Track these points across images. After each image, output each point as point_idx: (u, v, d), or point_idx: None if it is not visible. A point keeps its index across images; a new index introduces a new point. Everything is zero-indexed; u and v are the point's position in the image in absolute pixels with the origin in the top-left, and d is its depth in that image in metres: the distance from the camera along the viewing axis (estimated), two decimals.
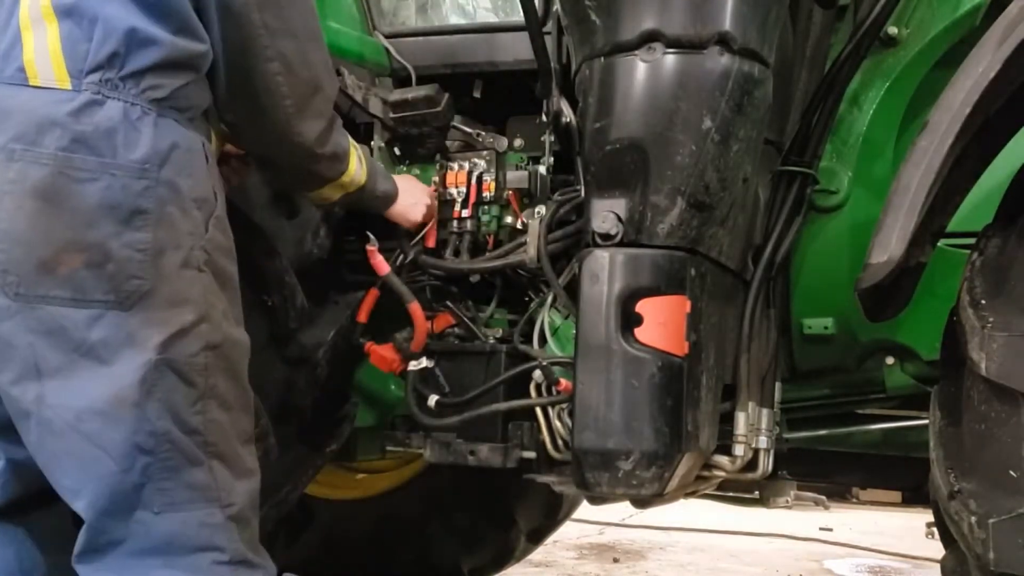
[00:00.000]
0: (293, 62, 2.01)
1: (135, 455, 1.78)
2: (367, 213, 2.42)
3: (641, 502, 2.27)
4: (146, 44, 1.82)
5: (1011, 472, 1.75)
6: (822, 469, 2.91)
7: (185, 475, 1.82)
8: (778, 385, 2.32)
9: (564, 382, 2.23)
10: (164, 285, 1.81)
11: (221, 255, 1.92)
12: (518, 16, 2.35)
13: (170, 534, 1.81)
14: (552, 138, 2.45)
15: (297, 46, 2.02)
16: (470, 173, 2.52)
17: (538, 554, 4.42)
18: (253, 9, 1.94)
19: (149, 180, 1.81)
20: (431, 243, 2.52)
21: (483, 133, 2.55)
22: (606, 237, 2.06)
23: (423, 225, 2.48)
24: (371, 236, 2.45)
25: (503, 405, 2.34)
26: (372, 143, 2.57)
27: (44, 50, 1.80)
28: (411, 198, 2.43)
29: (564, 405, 2.27)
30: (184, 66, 1.88)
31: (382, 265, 2.45)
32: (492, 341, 2.49)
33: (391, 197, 2.38)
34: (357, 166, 2.25)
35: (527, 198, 2.47)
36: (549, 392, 2.30)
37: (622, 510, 4.58)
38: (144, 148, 1.81)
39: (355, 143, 2.27)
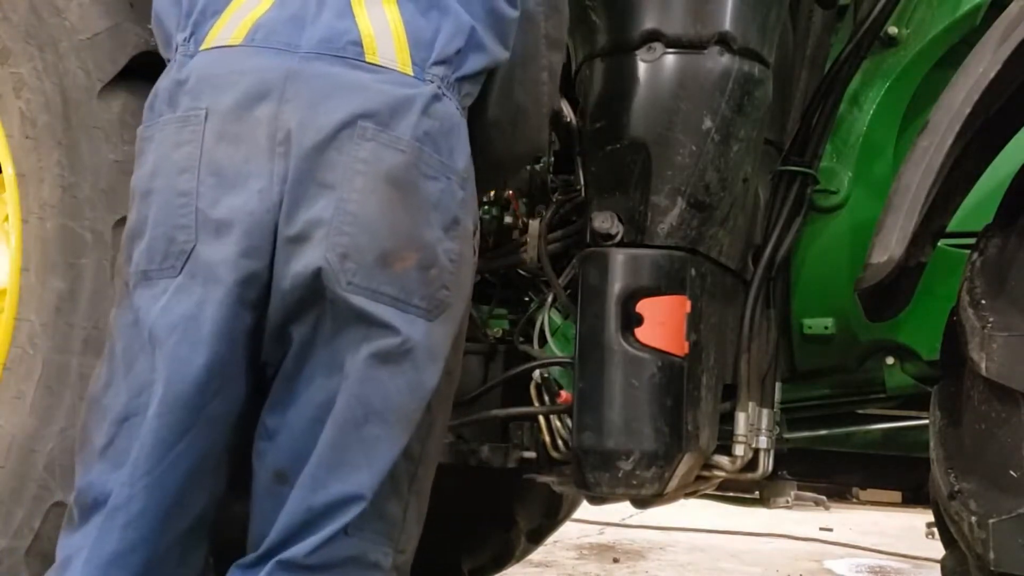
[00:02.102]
0: (556, 74, 2.00)
1: (387, 480, 1.67)
2: None
3: (641, 502, 2.27)
4: (479, 49, 1.77)
5: (1011, 472, 1.75)
6: (822, 469, 2.90)
7: (385, 504, 1.69)
8: (778, 385, 2.32)
9: (564, 394, 2.22)
10: (458, 304, 1.75)
11: (471, 283, 1.85)
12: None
13: (346, 560, 1.67)
14: (552, 138, 2.45)
15: (561, 59, 2.01)
16: None
17: (538, 554, 4.42)
18: (542, 19, 1.92)
19: (466, 193, 1.75)
20: None
21: None
22: (606, 237, 2.06)
23: None
24: None
25: (501, 412, 2.34)
26: None
27: (385, 29, 1.71)
28: None
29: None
30: (485, 77, 1.82)
31: None
32: (492, 341, 2.49)
33: None
34: None
35: (527, 198, 2.47)
36: (549, 392, 2.30)
37: (622, 510, 4.58)
38: (465, 158, 1.75)
39: None
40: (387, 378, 1.66)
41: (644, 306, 2.02)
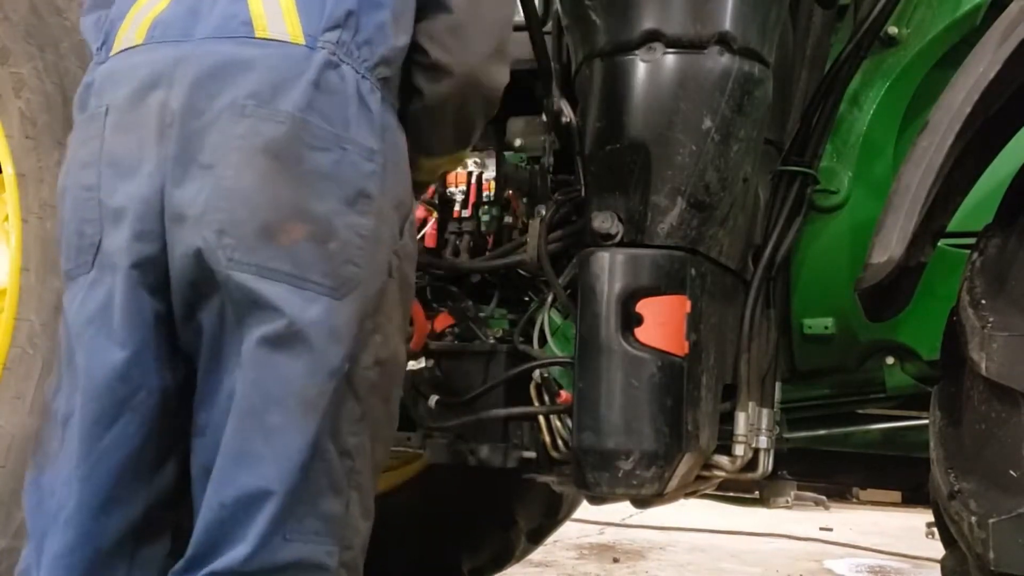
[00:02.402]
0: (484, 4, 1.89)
1: (296, 471, 1.59)
2: None
3: (641, 502, 2.27)
4: (375, 6, 1.71)
5: (1011, 472, 1.75)
6: (822, 469, 2.90)
7: (322, 504, 1.63)
8: (778, 385, 2.32)
9: (564, 394, 2.22)
10: (369, 283, 1.66)
11: (408, 263, 1.79)
12: (518, 16, 2.35)
13: (287, 564, 1.60)
14: (552, 138, 2.45)
15: None
16: (470, 173, 2.52)
17: (538, 554, 4.42)
18: None
19: (376, 165, 1.68)
20: (431, 243, 2.52)
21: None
22: (606, 237, 2.06)
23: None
24: None
25: (502, 412, 2.34)
26: None
27: (275, 3, 1.67)
28: None
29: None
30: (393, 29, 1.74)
31: None
32: (492, 341, 2.49)
33: None
34: None
35: (527, 198, 2.47)
36: (549, 392, 2.30)
37: (622, 510, 4.58)
38: (373, 129, 1.68)
39: None
40: (283, 362, 1.59)
41: (644, 306, 2.02)
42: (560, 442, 2.29)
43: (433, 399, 2.42)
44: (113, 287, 1.64)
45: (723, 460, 2.21)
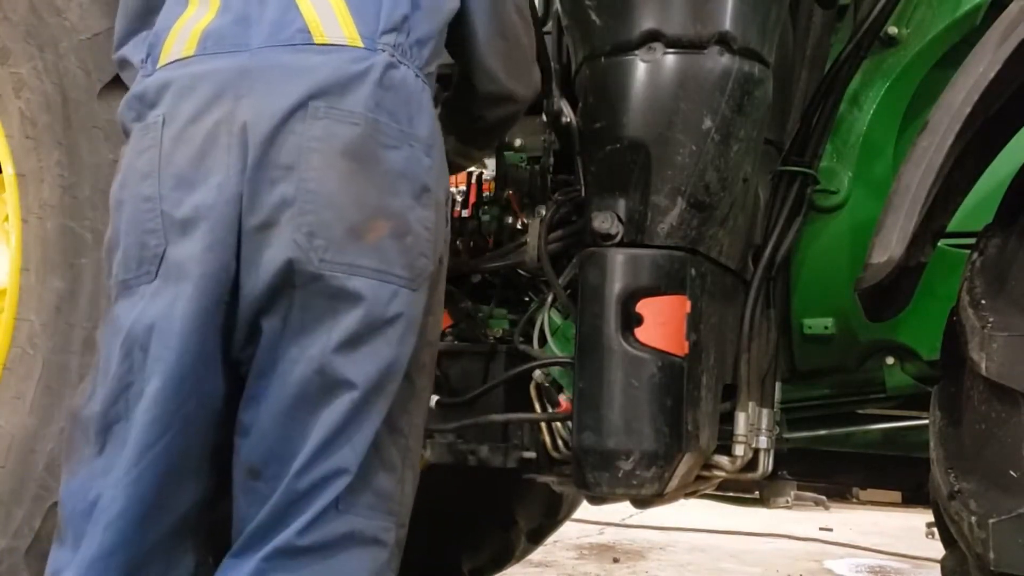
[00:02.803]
0: (524, 11, 2.06)
1: (368, 449, 1.66)
2: None
3: (641, 502, 2.27)
4: (427, 8, 1.79)
5: (1011, 472, 1.75)
6: (822, 469, 2.90)
7: (376, 481, 1.70)
8: (778, 385, 2.32)
9: (564, 402, 2.22)
10: (435, 273, 1.76)
11: (446, 255, 1.87)
12: None
13: (343, 536, 1.67)
14: (552, 138, 2.45)
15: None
16: (470, 173, 2.52)
17: (538, 554, 4.42)
18: None
19: (433, 160, 1.76)
20: None
21: None
22: (606, 237, 2.06)
23: None
24: None
25: (500, 417, 2.34)
26: None
27: (328, 10, 1.72)
28: None
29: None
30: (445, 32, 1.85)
31: None
32: (492, 341, 2.49)
33: None
34: None
35: (527, 198, 2.47)
36: (550, 396, 2.30)
37: (622, 510, 4.58)
38: (428, 125, 1.76)
39: None
40: (364, 354, 1.65)
41: (644, 306, 2.02)
42: (560, 442, 2.29)
43: (433, 399, 2.42)
44: (177, 295, 1.66)
45: (723, 460, 2.21)
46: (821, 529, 6.83)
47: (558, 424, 2.28)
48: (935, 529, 2.07)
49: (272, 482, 1.66)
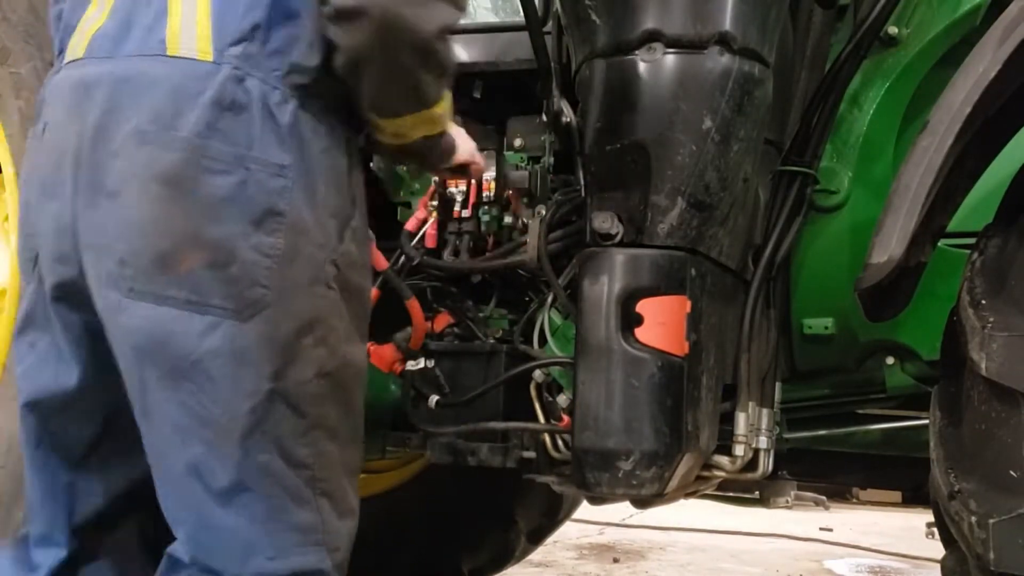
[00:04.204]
0: None
1: (237, 492, 1.61)
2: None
3: (641, 502, 2.27)
4: (290, 15, 1.65)
5: (1011, 472, 1.75)
6: (822, 469, 2.90)
7: (291, 515, 1.64)
8: (778, 385, 2.32)
9: (567, 417, 2.22)
10: (287, 300, 1.62)
11: (353, 270, 1.74)
12: (518, 16, 2.35)
13: None
14: (552, 138, 2.45)
15: None
16: None
17: (538, 554, 4.42)
18: None
19: (287, 180, 1.62)
20: (431, 243, 2.52)
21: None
22: (606, 237, 2.06)
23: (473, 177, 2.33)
24: (369, 232, 2.45)
25: (500, 425, 2.34)
26: None
27: (191, 19, 1.64)
28: (470, 142, 2.09)
29: (564, 406, 2.27)
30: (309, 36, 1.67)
31: (380, 260, 2.44)
32: (492, 341, 2.49)
33: (454, 147, 2.01)
34: (447, 107, 1.85)
35: (527, 198, 2.47)
36: (550, 394, 2.30)
37: (622, 510, 4.58)
38: (283, 143, 1.63)
39: None
40: (190, 388, 1.60)
41: (644, 306, 2.02)
42: (560, 442, 2.29)
43: (433, 399, 2.42)
44: (38, 299, 1.76)
45: (723, 460, 2.21)
46: (821, 529, 6.83)
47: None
48: (935, 529, 2.07)
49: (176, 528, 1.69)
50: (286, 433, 1.63)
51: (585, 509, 3.94)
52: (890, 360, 2.43)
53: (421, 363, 2.46)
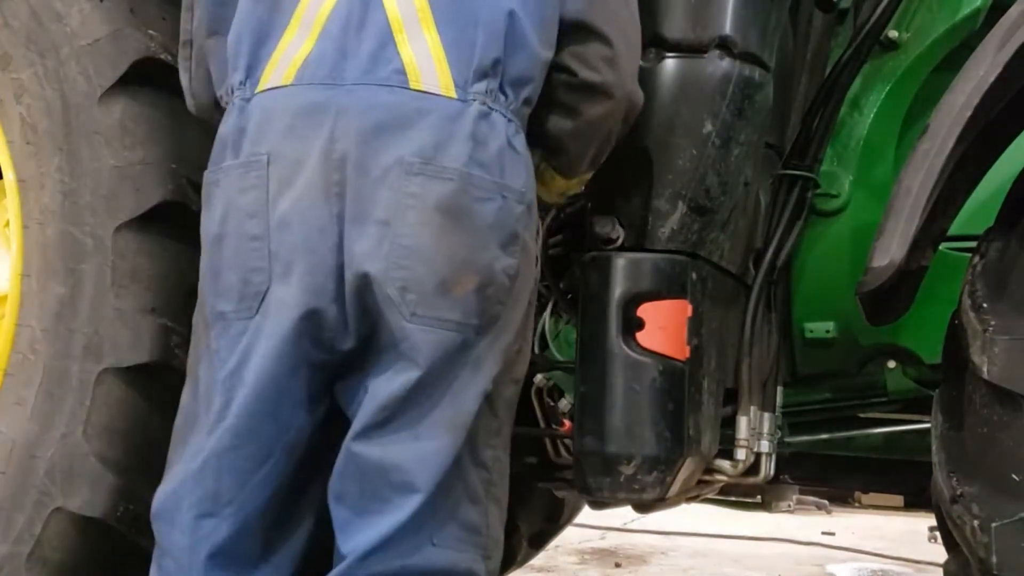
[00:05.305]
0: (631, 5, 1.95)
1: (441, 485, 1.70)
2: None
3: (643, 506, 2.27)
4: (520, 47, 1.76)
5: (1014, 476, 1.75)
6: (824, 473, 2.90)
7: (461, 512, 1.73)
8: (780, 389, 2.32)
9: (568, 423, 2.22)
10: (511, 313, 1.77)
11: (534, 295, 1.90)
12: None
13: (439, 570, 1.72)
14: None
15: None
16: None
17: (540, 559, 4.41)
18: None
19: (526, 205, 1.77)
20: None
21: None
22: (607, 241, 2.06)
23: None
24: None
25: None
26: None
27: (426, 54, 1.73)
28: None
29: (566, 411, 2.27)
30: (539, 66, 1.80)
31: None
32: None
33: None
34: None
35: None
36: (551, 399, 2.30)
37: (624, 515, 4.58)
38: (523, 170, 1.77)
39: None
40: (434, 393, 1.70)
41: (645, 310, 2.02)
42: (561, 447, 2.29)
43: None
44: (273, 334, 1.71)
45: (725, 464, 2.21)
46: (823, 533, 6.82)
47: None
48: (937, 533, 2.06)
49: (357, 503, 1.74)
50: (480, 432, 1.74)
51: (587, 514, 3.94)
52: (891, 364, 2.43)
53: None
